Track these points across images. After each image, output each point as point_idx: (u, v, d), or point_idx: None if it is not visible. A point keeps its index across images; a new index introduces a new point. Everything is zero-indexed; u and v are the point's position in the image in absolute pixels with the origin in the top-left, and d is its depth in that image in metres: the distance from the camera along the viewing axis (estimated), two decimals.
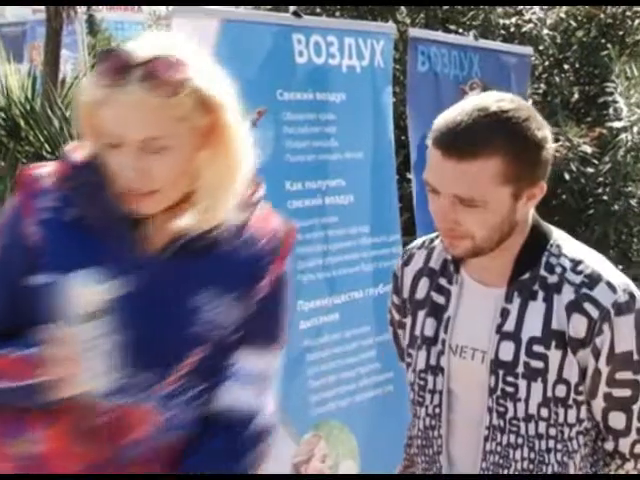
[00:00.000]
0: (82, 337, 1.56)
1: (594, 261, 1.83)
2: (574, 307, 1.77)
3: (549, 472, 1.82)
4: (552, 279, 1.80)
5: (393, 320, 2.11)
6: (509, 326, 1.82)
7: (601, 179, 5.32)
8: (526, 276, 1.82)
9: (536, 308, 1.80)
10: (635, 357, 1.79)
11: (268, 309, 1.82)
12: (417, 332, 1.95)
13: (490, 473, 1.84)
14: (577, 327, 1.77)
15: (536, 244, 1.84)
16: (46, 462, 1.71)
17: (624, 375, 1.80)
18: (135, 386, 1.65)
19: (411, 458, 2.06)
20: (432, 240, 2.01)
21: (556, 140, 5.20)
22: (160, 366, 1.67)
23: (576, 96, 5.69)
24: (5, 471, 1.73)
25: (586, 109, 5.67)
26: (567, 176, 5.26)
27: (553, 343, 1.79)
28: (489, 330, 1.84)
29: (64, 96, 6.63)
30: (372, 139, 3.38)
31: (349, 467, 3.35)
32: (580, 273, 1.80)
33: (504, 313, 1.83)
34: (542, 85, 5.60)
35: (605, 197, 5.39)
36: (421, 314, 1.94)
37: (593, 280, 1.79)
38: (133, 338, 1.61)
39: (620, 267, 5.55)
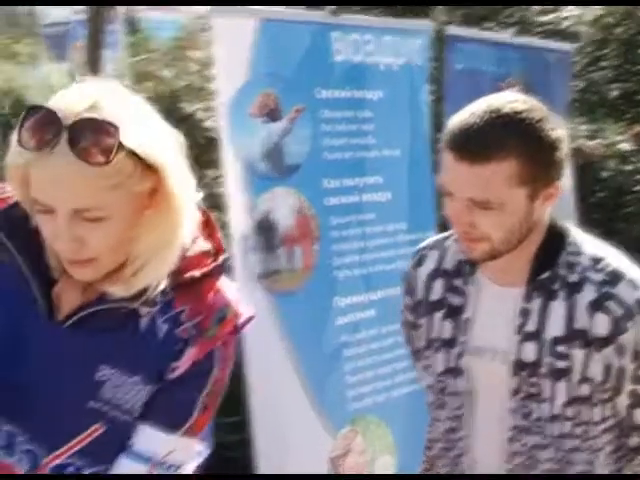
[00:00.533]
0: None
1: (614, 258, 1.80)
2: (596, 306, 1.74)
3: (576, 472, 1.80)
4: (572, 278, 1.78)
5: (406, 322, 2.07)
6: (531, 326, 1.79)
7: (639, 176, 5.28)
8: (545, 275, 1.79)
9: (557, 308, 1.78)
10: None
11: (180, 390, 1.60)
12: (434, 335, 1.92)
13: (516, 474, 1.82)
14: (600, 326, 1.74)
15: (554, 243, 1.81)
16: None
17: None
18: (24, 450, 1.55)
19: (431, 461, 2.03)
20: (445, 240, 1.98)
21: (593, 138, 5.17)
22: (51, 437, 1.54)
23: (615, 93, 5.64)
24: None
25: (625, 106, 5.61)
26: (604, 174, 5.23)
27: (576, 342, 1.76)
28: (509, 331, 1.81)
29: None
30: (409, 136, 3.37)
31: (386, 462, 3.35)
32: (601, 271, 1.77)
33: (524, 313, 1.80)
34: (580, 83, 5.55)
35: None
36: (437, 316, 1.91)
37: (615, 278, 1.76)
38: (30, 400, 1.53)
39: None
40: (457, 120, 1.71)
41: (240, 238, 2.82)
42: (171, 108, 5.41)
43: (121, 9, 8.93)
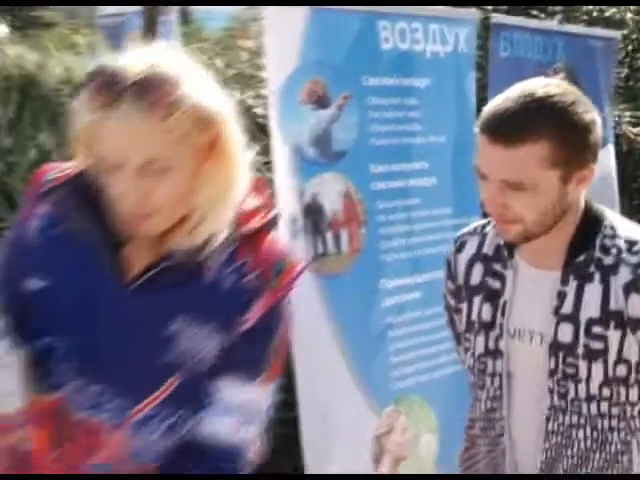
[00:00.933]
0: None
1: None
2: (632, 287, 1.73)
3: (612, 451, 1.79)
4: (608, 260, 1.76)
5: (449, 306, 2.07)
6: (567, 308, 1.79)
7: None
8: (581, 258, 1.78)
9: (593, 290, 1.77)
10: None
11: (254, 341, 1.64)
12: (474, 317, 1.92)
13: (553, 453, 1.82)
14: (636, 307, 1.73)
15: (590, 226, 1.80)
16: (31, 462, 1.65)
17: None
18: (109, 408, 1.58)
19: (472, 439, 2.03)
20: (484, 226, 1.98)
21: (637, 124, 5.10)
22: (134, 391, 1.58)
23: None
24: (2, 462, 1.66)
25: None
26: None
27: (612, 324, 1.75)
28: (546, 313, 1.81)
29: None
30: (455, 123, 3.35)
31: (429, 441, 3.34)
32: (636, 253, 1.76)
33: (561, 295, 1.79)
34: (625, 70, 5.47)
35: None
36: (477, 299, 1.91)
37: None
38: (109, 361, 1.56)
39: None
40: (492, 105, 1.72)
41: (288, 222, 2.82)
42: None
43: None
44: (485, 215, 2.03)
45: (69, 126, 1.56)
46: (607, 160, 4.17)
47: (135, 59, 1.50)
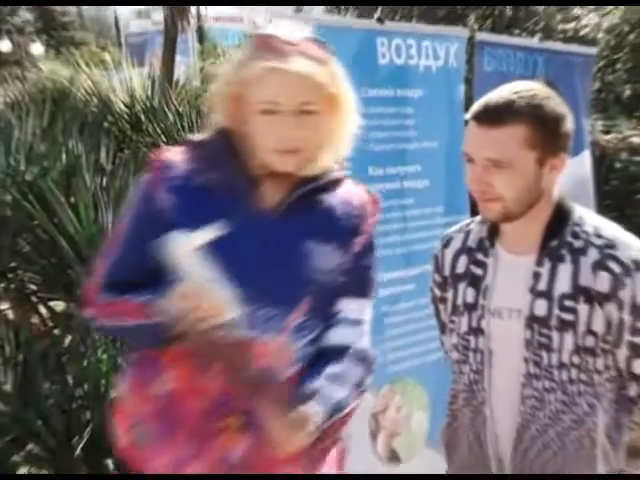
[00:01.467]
0: (201, 276, 1.58)
1: (613, 227, 1.85)
2: (599, 265, 1.78)
3: (580, 413, 1.83)
4: (578, 244, 1.82)
5: (435, 297, 2.10)
6: (542, 286, 1.83)
7: None
8: (554, 243, 1.83)
9: (565, 269, 1.81)
10: None
11: (362, 264, 1.84)
12: (459, 301, 1.96)
13: (528, 415, 1.86)
14: (602, 283, 1.77)
15: (561, 216, 1.85)
16: (176, 400, 1.74)
17: None
18: (265, 322, 1.67)
19: (454, 414, 2.06)
20: (468, 225, 2.04)
21: (608, 132, 5.08)
22: (283, 305, 1.68)
23: (628, 93, 5.53)
24: (144, 413, 1.76)
25: (636, 104, 5.51)
26: (618, 164, 5.15)
27: (582, 298, 1.79)
28: (523, 291, 1.84)
29: (178, 94, 6.69)
30: (446, 130, 3.31)
31: (420, 417, 3.33)
32: (602, 237, 1.81)
33: (536, 275, 1.83)
34: (596, 83, 5.44)
35: None
36: (462, 285, 1.96)
37: (614, 242, 1.80)
38: (257, 280, 1.65)
39: None
40: (482, 99, 1.80)
41: None
42: None
43: (192, 21, 8.92)
44: (473, 214, 2.04)
45: (214, 88, 1.76)
46: (584, 165, 4.14)
47: (289, 29, 1.73)
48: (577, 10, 5.36)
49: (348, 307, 1.81)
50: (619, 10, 5.36)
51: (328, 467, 1.82)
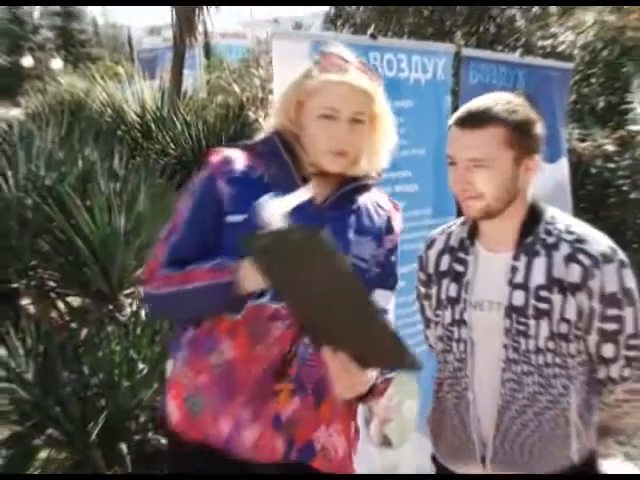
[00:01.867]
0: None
1: (582, 225, 1.90)
2: (570, 258, 1.83)
3: (555, 394, 1.86)
4: (550, 240, 1.86)
5: (419, 294, 2.12)
6: (519, 278, 1.86)
7: (621, 172, 5.21)
8: (529, 240, 1.87)
9: (539, 263, 1.85)
10: (619, 296, 1.83)
11: (392, 259, 1.97)
12: (443, 296, 1.99)
13: (507, 397, 1.89)
14: (574, 274, 1.82)
15: (535, 215, 1.90)
16: (234, 367, 1.79)
17: (612, 312, 1.84)
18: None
19: (439, 401, 2.08)
20: (450, 227, 2.07)
21: (584, 140, 5.07)
22: None
23: (601, 104, 5.52)
24: (202, 383, 1.82)
25: (609, 115, 5.51)
26: (592, 170, 5.15)
27: (555, 289, 1.83)
28: (502, 284, 1.88)
29: (185, 105, 6.68)
30: (434, 138, 3.28)
31: (411, 405, 3.29)
32: (572, 233, 1.86)
33: (513, 269, 1.87)
34: (573, 95, 5.43)
35: (624, 187, 5.27)
36: (445, 281, 1.99)
37: (584, 237, 1.85)
38: None
39: (636, 245, 5.40)
40: (463, 107, 1.87)
41: None
42: (239, 115, 5.40)
43: (200, 37, 8.90)
44: (459, 216, 2.04)
45: (284, 92, 1.89)
46: (562, 170, 4.13)
47: (343, 50, 1.85)
48: (555, 28, 5.34)
49: (380, 296, 1.90)
50: (593, 29, 5.34)
51: (347, 440, 1.92)
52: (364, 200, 1.93)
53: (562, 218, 1.91)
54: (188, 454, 1.87)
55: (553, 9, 5.36)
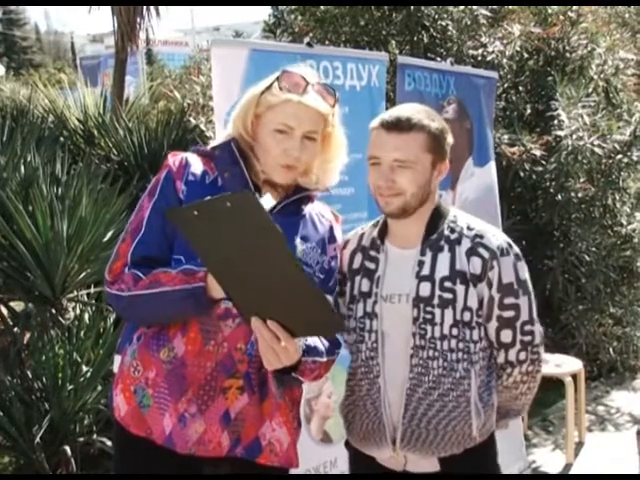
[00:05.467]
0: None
1: (480, 222, 2.05)
2: (471, 252, 1.97)
3: (457, 377, 1.98)
4: (453, 236, 2.00)
5: (337, 292, 2.16)
6: (425, 271, 1.98)
7: (548, 176, 5.31)
8: (434, 236, 2.01)
9: (444, 257, 1.98)
10: (515, 286, 1.98)
11: (333, 266, 2.03)
12: (355, 291, 2.08)
13: (415, 380, 1.99)
14: (474, 266, 1.96)
15: (439, 215, 2.04)
16: (184, 363, 1.80)
17: (509, 300, 1.99)
18: None
19: (352, 388, 2.15)
20: (363, 228, 2.19)
21: (513, 145, 5.15)
22: None
23: (528, 111, 5.64)
24: (153, 376, 1.82)
25: (536, 121, 5.63)
26: (522, 173, 5.24)
27: (458, 280, 1.96)
28: (410, 277, 1.99)
29: (128, 111, 6.60)
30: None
31: None
32: (472, 230, 2.01)
33: (420, 264, 1.99)
34: (502, 102, 5.54)
35: (551, 190, 5.38)
36: (357, 278, 2.09)
37: (482, 233, 2.00)
38: None
39: (561, 245, 5.53)
40: (386, 112, 2.03)
41: None
42: (180, 121, 5.36)
43: (141, 45, 8.81)
44: None
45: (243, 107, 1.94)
46: (491, 173, 4.20)
47: (308, 71, 1.96)
48: (484, 38, 5.42)
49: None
50: (519, 40, 5.44)
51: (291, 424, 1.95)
52: (309, 210, 2.01)
53: (463, 217, 2.06)
54: (133, 448, 1.86)
55: (483, 20, 5.44)
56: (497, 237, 2.00)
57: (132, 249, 1.84)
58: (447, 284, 1.96)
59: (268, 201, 1.74)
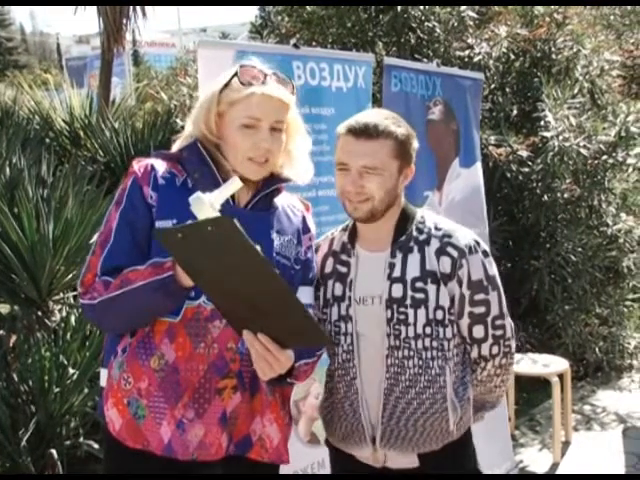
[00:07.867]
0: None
1: (448, 222, 2.08)
2: (440, 252, 2.00)
3: (433, 374, 2.01)
4: (422, 237, 2.03)
5: None
6: (396, 273, 2.00)
7: (534, 177, 5.33)
8: (403, 238, 2.03)
9: (414, 258, 2.01)
10: (484, 283, 2.02)
11: (310, 257, 2.03)
12: (329, 295, 2.09)
13: (391, 380, 2.02)
14: (444, 265, 1.99)
15: (407, 217, 2.06)
16: (177, 368, 1.79)
17: (480, 296, 2.02)
18: None
19: (330, 391, 2.18)
20: (333, 233, 2.20)
21: (500, 146, 5.18)
22: None
23: (515, 112, 5.66)
24: (145, 386, 1.80)
25: (523, 122, 5.65)
26: (508, 174, 5.25)
27: (429, 280, 1.99)
28: (382, 280, 2.01)
29: (114, 113, 6.59)
30: None
31: None
32: (440, 230, 2.03)
33: (391, 266, 2.01)
34: (488, 104, 5.56)
35: (537, 191, 5.39)
36: (330, 282, 2.09)
37: (450, 232, 2.03)
38: None
39: (547, 246, 5.56)
40: (356, 118, 2.00)
41: None
42: (167, 122, 5.35)
43: (128, 46, 8.78)
44: None
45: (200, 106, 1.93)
46: (477, 174, 4.21)
47: (259, 64, 1.92)
48: (471, 40, 5.44)
49: (303, 292, 1.97)
50: (506, 41, 5.46)
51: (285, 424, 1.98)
52: (280, 202, 2.00)
53: (431, 217, 2.09)
54: (129, 461, 1.83)
55: (470, 22, 5.46)
56: (465, 236, 2.03)
57: (102, 260, 1.82)
58: (418, 284, 1.98)
59: (236, 184, 1.73)
